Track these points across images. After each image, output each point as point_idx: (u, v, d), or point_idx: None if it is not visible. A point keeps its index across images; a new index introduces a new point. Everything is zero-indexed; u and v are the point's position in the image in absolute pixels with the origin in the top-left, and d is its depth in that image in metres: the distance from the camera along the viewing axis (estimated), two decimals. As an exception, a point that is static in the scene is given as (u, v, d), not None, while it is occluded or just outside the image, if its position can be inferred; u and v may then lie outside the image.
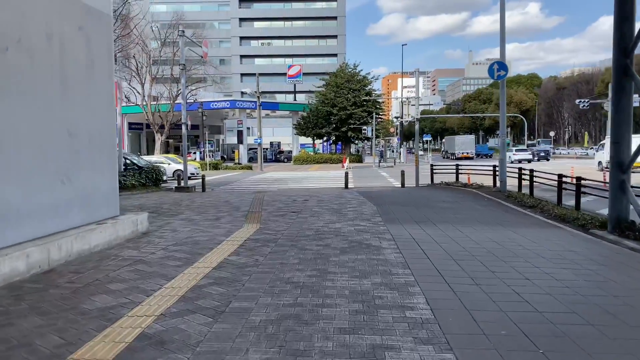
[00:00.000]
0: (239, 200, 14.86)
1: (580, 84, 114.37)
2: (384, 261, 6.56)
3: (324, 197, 15.63)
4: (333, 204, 13.43)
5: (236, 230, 9.14)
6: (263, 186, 23.56)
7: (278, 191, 19.44)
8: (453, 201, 13.95)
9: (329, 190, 19.52)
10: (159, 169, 21.88)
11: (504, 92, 16.35)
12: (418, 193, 16.70)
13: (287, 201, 14.40)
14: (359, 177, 28.96)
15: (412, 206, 12.91)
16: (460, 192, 16.47)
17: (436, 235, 8.67)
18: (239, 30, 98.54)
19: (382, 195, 15.90)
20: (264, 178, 30.01)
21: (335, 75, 52.90)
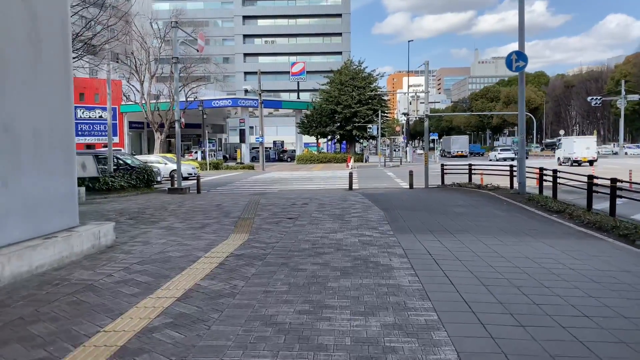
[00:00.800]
0: (232, 204, 13.52)
1: (589, 82, 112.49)
2: (396, 288, 5.18)
3: (326, 200, 14.26)
4: (335, 209, 12.06)
5: (220, 243, 7.78)
6: (262, 187, 22.21)
7: (277, 193, 18.10)
8: (469, 205, 12.54)
9: (332, 192, 18.16)
10: (151, 170, 20.58)
11: (523, 86, 14.91)
12: (429, 196, 15.29)
13: (285, 205, 13.04)
14: (364, 177, 27.57)
15: (424, 211, 11.51)
16: (475, 195, 15.05)
17: (456, 249, 7.28)
18: (243, 28, 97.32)
19: (390, 198, 14.50)
20: (264, 178, 28.67)
21: (339, 73, 51.49)
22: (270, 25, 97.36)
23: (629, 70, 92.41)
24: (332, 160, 48.50)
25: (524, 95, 15.05)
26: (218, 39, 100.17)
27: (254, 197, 15.54)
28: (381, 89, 52.86)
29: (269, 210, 12.02)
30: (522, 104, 14.95)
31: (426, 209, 11.84)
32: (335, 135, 51.95)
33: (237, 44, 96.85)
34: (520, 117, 14.93)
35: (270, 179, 28.34)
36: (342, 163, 44.96)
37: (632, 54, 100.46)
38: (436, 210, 11.71)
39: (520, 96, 15.07)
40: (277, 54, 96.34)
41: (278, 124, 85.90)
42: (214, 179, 29.68)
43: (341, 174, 31.12)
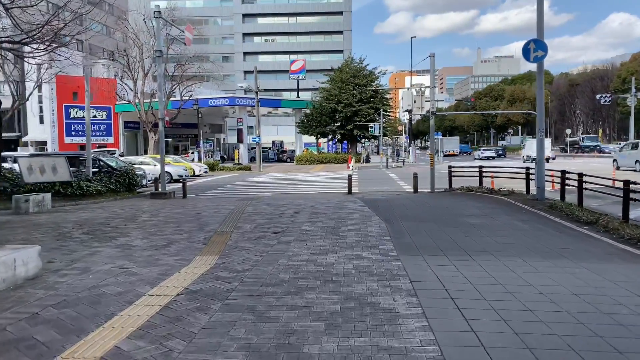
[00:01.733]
0: (213, 213, 11.91)
1: (594, 80, 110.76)
2: (403, 354, 3.56)
3: (321, 207, 12.65)
4: (330, 219, 10.44)
5: (178, 270, 6.17)
6: (255, 191, 20.62)
7: (269, 198, 16.50)
8: (484, 215, 10.90)
9: (329, 196, 16.56)
10: (133, 173, 18.98)
11: (541, 79, 13.26)
12: (436, 202, 13.65)
13: (274, 214, 11.43)
14: (365, 179, 25.94)
15: (432, 222, 9.89)
16: (488, 201, 13.40)
17: (478, 279, 5.66)
18: (242, 26, 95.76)
19: (392, 205, 12.87)
20: (260, 181, 27.07)
21: (340, 70, 49.85)
22: (270, 23, 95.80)
23: (636, 68, 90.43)
24: (333, 160, 46.87)
25: (542, 90, 13.40)
26: (217, 37, 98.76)
27: (242, 204, 13.93)
28: (383, 87, 51.22)
29: (253, 221, 10.40)
30: (541, 98, 13.31)
31: (435, 220, 10.21)
32: (335, 134, 50.34)
33: (236, 43, 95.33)
34: (539, 113, 13.28)
35: (265, 181, 26.75)
36: (343, 164, 43.36)
37: (638, 52, 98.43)
38: (446, 221, 10.08)
39: (538, 91, 13.43)
40: (278, 52, 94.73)
41: (278, 124, 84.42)
42: (207, 181, 28.09)
43: (341, 175, 29.52)
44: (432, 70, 17.06)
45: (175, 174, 27.06)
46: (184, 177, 27.81)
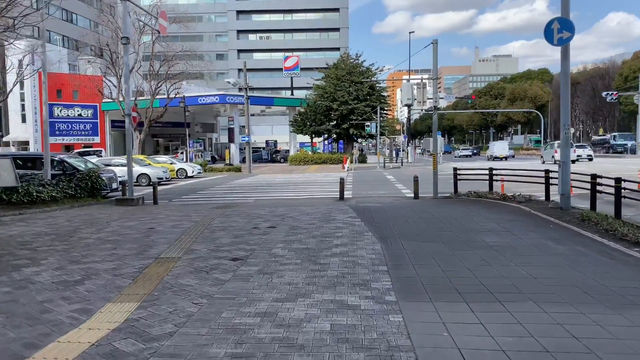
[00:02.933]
0: (171, 227, 9.78)
1: (594, 79, 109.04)
2: None
3: (304, 218, 10.53)
4: (311, 237, 8.32)
5: (58, 335, 4.04)
6: (238, 196, 18.49)
7: (250, 205, 14.38)
8: (504, 230, 8.78)
9: (318, 202, 14.46)
10: (97, 176, 16.81)
11: (567, 65, 11.16)
12: (442, 211, 11.52)
13: (244, 229, 9.30)
14: (360, 182, 23.84)
15: (441, 242, 7.77)
16: (504, 211, 11.28)
17: (524, 353, 3.55)
18: (237, 23, 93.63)
19: (390, 216, 10.76)
20: (246, 183, 24.94)
21: (335, 67, 47.72)
22: (265, 20, 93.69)
23: (638, 66, 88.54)
24: (328, 161, 44.77)
25: (568, 79, 11.29)
26: (211, 34, 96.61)
27: (212, 214, 11.80)
28: (380, 84, 49.12)
29: (214, 240, 8.27)
30: (567, 88, 11.20)
31: (443, 238, 8.09)
32: (331, 134, 48.22)
33: (230, 40, 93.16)
34: (564, 106, 11.17)
35: (252, 184, 24.61)
36: (338, 164, 41.27)
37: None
38: (458, 239, 7.96)
39: (563, 80, 11.32)
40: (273, 50, 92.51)
41: (273, 123, 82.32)
42: (188, 183, 25.96)
43: (335, 177, 27.40)
44: (434, 59, 14.95)
45: (154, 176, 24.89)
46: (165, 180, 25.72)
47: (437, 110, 15.06)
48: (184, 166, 31.40)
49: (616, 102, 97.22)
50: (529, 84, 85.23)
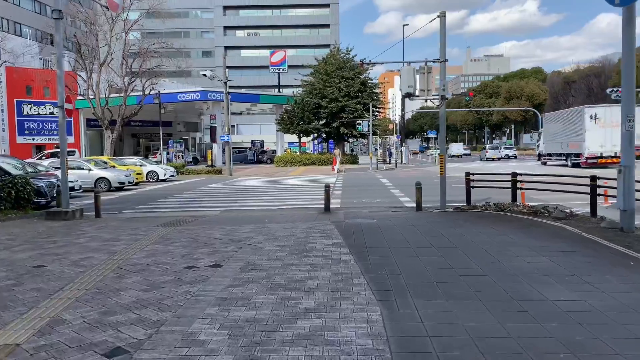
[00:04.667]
0: (72, 263, 6.67)
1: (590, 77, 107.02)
2: None
3: (270, 247, 7.46)
4: (269, 290, 5.25)
5: None
6: (204, 205, 15.38)
7: (211, 220, 11.31)
8: (566, 272, 5.73)
9: (298, 215, 11.41)
10: (26, 183, 13.62)
11: (632, 31, 8.21)
12: (461, 235, 8.46)
13: (173, 269, 6.22)
14: (351, 187, 20.79)
15: (478, 302, 4.72)
16: (545, 234, 8.24)
17: None
18: (223, 19, 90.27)
19: (390, 243, 7.71)
20: (222, 188, 21.80)
21: (324, 61, 44.67)
22: (253, 16, 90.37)
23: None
24: (317, 162, 41.73)
25: (633, 51, 8.36)
26: (197, 31, 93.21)
27: (148, 237, 8.70)
28: (372, 80, 46.12)
29: (111, 296, 5.17)
30: (631, 63, 8.28)
31: (480, 291, 5.04)
32: (320, 133, 45.14)
33: (217, 37, 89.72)
34: (627, 89, 8.21)
35: (228, 189, 21.48)
36: (327, 165, 38.24)
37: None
38: (505, 295, 4.91)
39: (627, 50, 8.36)
40: (261, 47, 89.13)
41: (261, 122, 79.20)
42: (156, 188, 22.77)
43: (323, 180, 24.35)
44: (442, 37, 11.93)
45: (114, 181, 21.70)
46: (128, 183, 22.52)
47: (444, 100, 12.05)
48: (155, 168, 28.20)
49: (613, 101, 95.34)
50: (525, 82, 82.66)
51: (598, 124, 27.43)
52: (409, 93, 11.89)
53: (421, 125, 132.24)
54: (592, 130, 27.37)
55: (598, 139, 27.21)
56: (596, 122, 27.49)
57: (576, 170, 25.05)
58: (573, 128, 29.42)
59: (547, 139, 34.83)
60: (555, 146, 32.61)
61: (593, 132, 27.33)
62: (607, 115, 27.17)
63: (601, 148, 27.27)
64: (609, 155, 26.88)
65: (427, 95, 12.03)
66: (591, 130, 27.38)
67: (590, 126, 27.48)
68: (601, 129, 27.28)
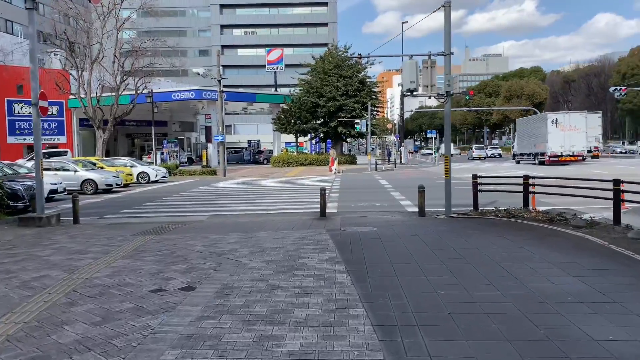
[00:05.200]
0: (19, 285, 5.70)
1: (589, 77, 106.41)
2: None
3: (254, 263, 6.51)
4: (246, 324, 4.29)
5: None
6: (191, 210, 14.42)
7: (195, 227, 10.37)
8: (605, 299, 4.78)
9: (291, 221, 10.47)
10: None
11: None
12: (473, 246, 7.51)
13: (137, 293, 5.26)
14: (349, 189, 19.84)
15: (506, 342, 3.79)
16: (567, 246, 7.29)
17: None
18: (220, 18, 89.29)
19: (393, 258, 6.76)
20: (213, 191, 20.84)
21: (322, 60, 43.73)
22: (250, 14, 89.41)
23: (637, 63, 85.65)
24: (314, 162, 40.78)
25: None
26: (194, 29, 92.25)
27: (122, 249, 7.74)
28: (371, 78, 45.20)
29: (48, 334, 4.22)
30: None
31: (504, 327, 4.10)
32: (317, 132, 44.20)
33: (214, 36, 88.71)
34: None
35: (220, 191, 20.52)
36: (325, 166, 37.29)
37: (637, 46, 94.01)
38: (538, 332, 3.95)
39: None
40: (258, 46, 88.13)
41: (259, 122, 78.24)
42: (146, 190, 21.81)
43: (320, 182, 23.43)
44: (446, 28, 10.98)
45: (101, 182, 20.72)
46: (115, 186, 21.53)
47: (450, 96, 11.09)
48: (147, 170, 27.21)
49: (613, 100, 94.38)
50: (525, 81, 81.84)
51: (558, 127, 31.86)
52: (411, 89, 10.95)
53: (420, 125, 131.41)
54: (553, 133, 31.79)
55: (558, 141, 31.69)
56: (557, 127, 31.91)
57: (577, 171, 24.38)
58: (539, 132, 33.35)
59: (519, 141, 39.10)
60: (526, 147, 36.71)
61: (554, 135, 31.75)
62: (566, 120, 32.02)
63: (561, 148, 31.74)
64: (568, 154, 31.57)
65: (430, 91, 11.10)
66: (553, 133, 31.80)
67: (552, 130, 31.87)
68: (561, 132, 31.80)
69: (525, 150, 37.10)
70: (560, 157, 31.82)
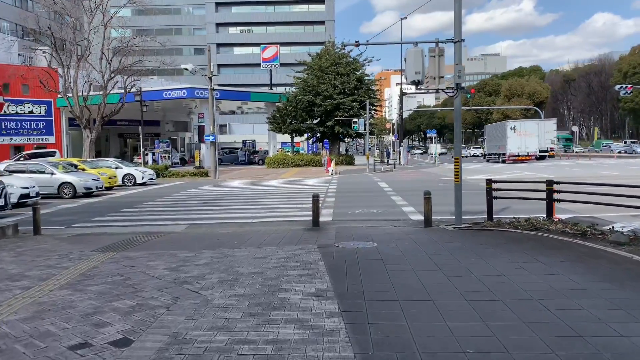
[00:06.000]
0: None
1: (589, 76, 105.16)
2: None
3: (222, 299, 5.05)
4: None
5: None
6: (171, 217, 12.97)
7: (167, 240, 8.95)
8: None
9: (278, 232, 9.05)
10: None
11: None
12: (498, 275, 6.07)
13: (51, 353, 3.82)
14: (346, 192, 18.38)
15: None
16: (613, 270, 5.82)
17: None
18: (215, 15, 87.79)
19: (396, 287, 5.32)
20: (199, 195, 19.37)
21: (318, 57, 42.28)
22: (246, 12, 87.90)
23: (638, 61, 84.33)
24: (310, 163, 39.31)
25: None
26: (189, 27, 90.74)
27: (67, 272, 6.28)
28: (369, 76, 43.82)
29: None
30: None
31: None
32: (314, 132, 42.74)
33: (209, 34, 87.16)
34: None
35: (207, 195, 19.05)
36: (322, 167, 35.84)
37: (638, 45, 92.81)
38: None
39: None
40: (254, 44, 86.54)
41: (255, 122, 76.79)
42: (128, 194, 20.35)
43: (315, 184, 21.99)
44: (456, 9, 9.55)
45: (79, 186, 19.24)
46: (95, 189, 20.05)
47: (460, 90, 9.66)
48: (133, 171, 25.73)
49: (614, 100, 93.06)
50: (525, 79, 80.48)
51: (516, 133, 38.08)
52: (416, 81, 9.50)
53: (418, 124, 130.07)
54: (512, 137, 37.93)
55: (516, 144, 37.85)
56: (514, 132, 38.13)
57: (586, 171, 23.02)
58: (502, 136, 39.15)
59: (488, 143, 45.57)
60: (493, 148, 42.80)
61: (512, 139, 37.90)
62: (522, 127, 38.69)
63: (518, 149, 37.76)
64: (524, 154, 37.75)
65: (438, 84, 9.66)
66: (511, 137, 37.93)
67: (510, 135, 38.04)
68: (518, 137, 37.92)
69: (493, 151, 42.97)
70: (518, 156, 37.78)
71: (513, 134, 38.19)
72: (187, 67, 26.05)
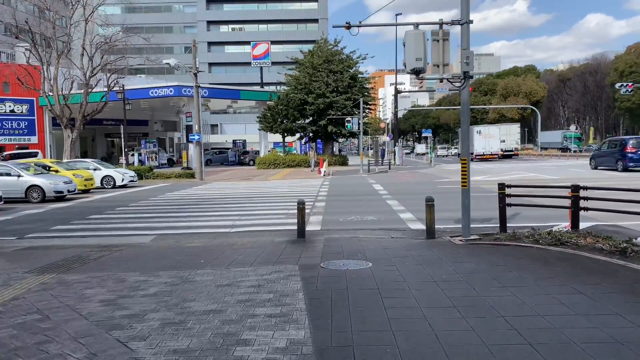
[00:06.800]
0: None
1: (585, 75, 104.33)
2: None
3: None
4: None
5: None
6: (143, 225, 11.49)
7: (126, 255, 7.52)
8: None
9: (257, 245, 7.65)
10: None
11: None
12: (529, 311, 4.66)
13: None
14: (338, 195, 16.94)
15: None
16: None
17: None
18: (207, 13, 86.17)
19: (396, 335, 3.95)
20: (179, 198, 17.87)
21: (311, 54, 40.84)
22: (238, 10, 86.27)
23: (635, 60, 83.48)
24: (302, 163, 37.84)
25: None
26: (180, 25, 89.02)
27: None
28: (362, 74, 42.39)
29: None
30: None
31: None
32: (306, 132, 41.29)
33: (200, 32, 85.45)
34: None
35: (188, 199, 17.55)
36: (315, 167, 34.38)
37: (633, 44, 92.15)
38: None
39: None
40: (245, 42, 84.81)
41: (246, 122, 75.29)
42: (104, 198, 18.84)
43: (305, 186, 20.56)
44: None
45: (49, 189, 17.70)
46: (67, 193, 18.49)
47: (468, 80, 8.27)
48: (112, 173, 24.19)
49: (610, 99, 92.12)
50: (522, 78, 79.38)
51: (481, 136, 43.81)
52: (417, 69, 8.08)
53: (412, 124, 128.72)
54: (478, 140, 43.21)
55: (481, 145, 43.44)
56: (480, 135, 43.77)
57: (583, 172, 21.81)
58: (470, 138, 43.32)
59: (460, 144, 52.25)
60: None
61: (478, 141, 43.21)
62: (486, 130, 45.07)
63: (483, 149, 43.32)
64: (488, 154, 43.22)
65: (442, 72, 8.26)
66: (477, 139, 43.12)
67: (477, 137, 43.23)
68: (483, 139, 43.67)
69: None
70: (483, 155, 43.19)
71: (479, 137, 43.68)
72: (169, 63, 24.50)
